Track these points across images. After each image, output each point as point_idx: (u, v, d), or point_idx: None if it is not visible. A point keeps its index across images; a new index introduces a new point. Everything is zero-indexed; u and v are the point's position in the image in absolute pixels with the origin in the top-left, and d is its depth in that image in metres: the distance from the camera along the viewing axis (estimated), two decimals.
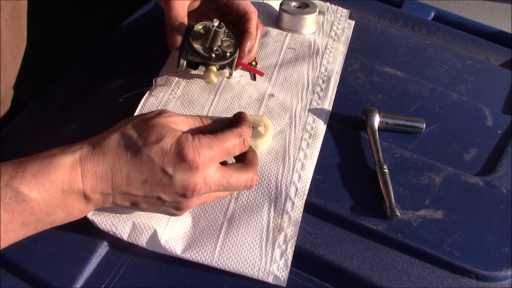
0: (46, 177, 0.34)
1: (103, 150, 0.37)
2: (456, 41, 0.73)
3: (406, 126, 0.55)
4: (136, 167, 0.37)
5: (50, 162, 0.35)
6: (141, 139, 0.37)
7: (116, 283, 0.40)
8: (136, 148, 0.37)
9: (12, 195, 0.33)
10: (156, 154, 0.37)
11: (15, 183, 0.33)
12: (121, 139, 0.37)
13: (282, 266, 0.42)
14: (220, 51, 0.50)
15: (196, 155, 0.37)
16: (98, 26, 0.79)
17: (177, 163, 0.37)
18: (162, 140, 0.37)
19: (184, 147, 0.37)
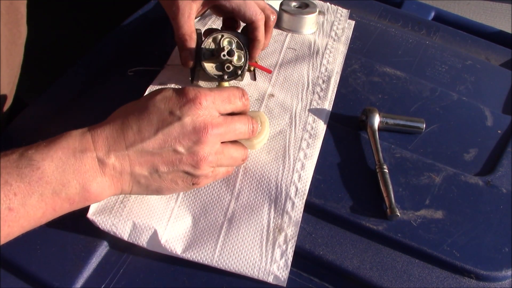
0: (58, 145, 0.35)
1: (110, 118, 0.39)
2: (456, 41, 0.73)
3: (406, 126, 0.55)
4: (145, 119, 0.38)
5: (61, 135, 0.37)
6: (144, 98, 0.40)
7: (116, 283, 0.40)
8: (142, 104, 0.39)
9: (27, 163, 0.34)
10: (161, 102, 0.39)
11: (29, 153, 0.34)
12: (125, 106, 0.40)
13: (282, 266, 0.42)
14: (232, 68, 0.51)
15: (197, 92, 0.39)
16: (98, 26, 0.79)
17: (182, 104, 0.39)
18: (163, 90, 0.40)
19: (184, 89, 0.39)
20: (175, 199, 0.45)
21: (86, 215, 0.41)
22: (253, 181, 0.47)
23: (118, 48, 0.61)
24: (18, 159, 0.34)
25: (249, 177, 0.47)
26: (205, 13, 0.66)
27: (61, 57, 0.82)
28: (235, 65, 0.51)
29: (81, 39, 0.86)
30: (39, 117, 0.52)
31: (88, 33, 0.85)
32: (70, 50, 0.84)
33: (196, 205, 0.45)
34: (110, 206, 0.43)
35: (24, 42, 0.61)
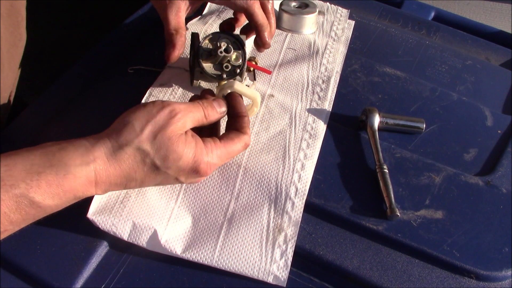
0: (61, 188, 0.35)
1: (118, 164, 0.38)
2: (456, 41, 0.73)
3: (406, 126, 0.55)
4: (152, 177, 0.40)
5: (65, 175, 0.35)
6: (158, 157, 0.39)
7: (116, 283, 0.40)
8: (154, 165, 0.39)
9: (28, 203, 0.34)
10: (173, 171, 0.40)
11: (31, 192, 0.34)
12: (137, 154, 0.38)
13: (282, 266, 0.42)
14: (230, 67, 0.51)
15: (209, 168, 0.41)
16: (98, 26, 0.79)
17: (191, 175, 0.41)
18: (180, 160, 0.39)
19: (200, 164, 0.40)
20: (175, 199, 0.45)
21: (86, 215, 0.41)
22: (253, 181, 0.47)
23: (118, 48, 0.61)
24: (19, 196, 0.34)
25: (249, 177, 0.47)
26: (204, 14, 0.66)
27: (61, 57, 0.82)
28: (233, 65, 0.51)
29: (81, 39, 0.86)
30: (39, 117, 0.52)
31: (88, 33, 0.85)
32: (70, 50, 0.84)
33: (196, 205, 0.45)
34: (110, 206, 0.43)
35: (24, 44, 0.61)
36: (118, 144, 0.37)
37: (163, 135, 0.38)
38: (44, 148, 0.36)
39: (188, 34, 0.60)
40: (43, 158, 0.35)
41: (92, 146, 0.37)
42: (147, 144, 0.38)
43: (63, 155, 0.36)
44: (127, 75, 0.57)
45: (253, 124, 0.52)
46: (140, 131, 0.38)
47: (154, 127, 0.38)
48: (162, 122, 0.39)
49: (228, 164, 0.48)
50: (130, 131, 0.38)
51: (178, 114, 0.39)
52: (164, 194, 0.45)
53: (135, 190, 0.44)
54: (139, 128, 0.38)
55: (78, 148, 0.37)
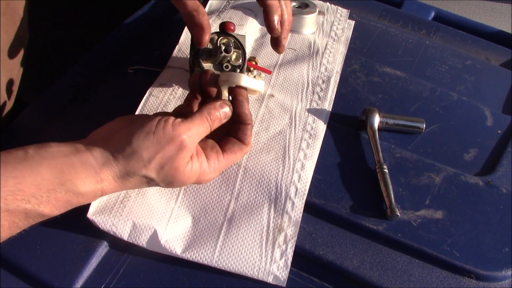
0: (69, 203, 0.37)
1: (124, 185, 0.39)
2: (456, 41, 0.73)
3: (406, 126, 0.55)
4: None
5: (74, 194, 0.36)
6: (164, 184, 0.40)
7: (116, 283, 0.40)
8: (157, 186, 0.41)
9: (37, 215, 0.35)
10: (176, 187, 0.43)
11: (41, 207, 0.35)
12: (143, 180, 0.39)
13: (282, 266, 0.42)
14: (230, 67, 0.51)
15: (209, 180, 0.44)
16: (98, 26, 0.79)
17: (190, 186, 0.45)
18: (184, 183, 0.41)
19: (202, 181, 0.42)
20: (175, 199, 0.45)
21: (86, 215, 0.41)
22: (253, 181, 0.47)
23: (118, 48, 0.61)
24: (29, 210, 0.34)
25: (249, 177, 0.47)
26: None
27: (61, 57, 0.82)
28: (233, 65, 0.51)
29: (81, 39, 0.86)
30: (39, 117, 0.52)
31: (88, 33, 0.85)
32: (70, 50, 0.84)
33: (196, 205, 0.45)
34: (110, 206, 0.43)
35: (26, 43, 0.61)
36: (126, 171, 0.38)
37: (170, 167, 0.39)
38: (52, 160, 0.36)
39: (188, 35, 0.61)
40: (52, 173, 0.35)
41: (100, 170, 0.37)
42: (154, 174, 0.39)
43: (72, 174, 0.36)
44: (127, 75, 0.57)
45: (253, 124, 0.52)
46: (148, 162, 0.38)
47: (162, 159, 0.38)
48: (171, 155, 0.39)
49: None
50: (138, 161, 0.38)
51: (187, 146, 0.39)
52: (164, 194, 0.45)
53: (135, 190, 0.44)
54: (147, 159, 0.38)
55: (86, 168, 0.37)
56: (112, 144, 0.38)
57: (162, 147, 0.38)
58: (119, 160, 0.38)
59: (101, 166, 0.37)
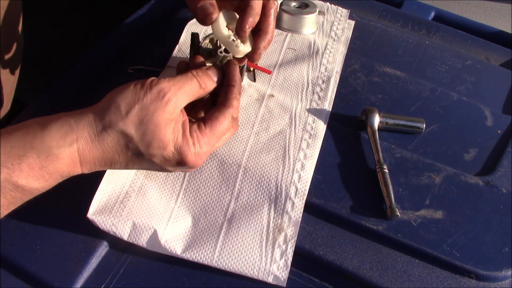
0: (45, 170, 0.34)
1: (101, 146, 0.36)
2: (456, 41, 0.73)
3: (406, 126, 0.55)
4: (136, 163, 0.38)
5: (47, 156, 0.34)
6: (142, 144, 0.37)
7: (116, 283, 0.40)
8: (137, 151, 0.37)
9: (12, 187, 0.33)
10: (158, 159, 0.38)
11: (14, 176, 0.33)
12: (121, 138, 0.36)
13: (282, 266, 0.42)
14: None
15: (198, 159, 0.39)
16: (98, 26, 0.79)
17: (177, 167, 0.40)
18: (164, 149, 0.38)
19: (187, 156, 0.38)
20: (175, 199, 0.45)
21: (86, 215, 0.41)
22: (253, 181, 0.47)
23: (118, 48, 0.61)
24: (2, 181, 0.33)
25: (249, 177, 0.47)
26: None
27: (61, 57, 0.82)
28: None
29: (81, 39, 0.86)
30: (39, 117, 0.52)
31: (88, 33, 0.85)
32: (70, 51, 0.84)
33: (196, 205, 0.45)
34: (110, 206, 0.43)
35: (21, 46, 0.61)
36: (102, 125, 0.36)
37: (150, 120, 0.36)
38: (26, 128, 0.34)
39: (188, 35, 0.61)
40: (24, 139, 0.34)
41: (76, 125, 0.35)
42: (132, 129, 0.36)
43: (45, 136, 0.34)
44: (127, 75, 0.57)
45: (253, 124, 0.52)
46: (125, 114, 0.36)
47: (141, 111, 0.36)
48: (149, 105, 0.36)
49: (228, 164, 0.48)
50: (115, 112, 0.36)
51: (167, 94, 0.37)
52: (164, 194, 0.45)
53: (135, 190, 0.44)
54: (125, 110, 0.36)
55: (62, 126, 0.35)
56: (94, 106, 0.37)
57: (140, 97, 0.36)
58: (96, 113, 0.36)
59: (76, 122, 0.35)
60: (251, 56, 0.47)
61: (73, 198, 0.44)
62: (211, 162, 0.48)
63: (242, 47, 0.46)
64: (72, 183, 0.38)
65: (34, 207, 0.39)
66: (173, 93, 0.37)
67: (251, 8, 0.44)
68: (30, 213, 0.41)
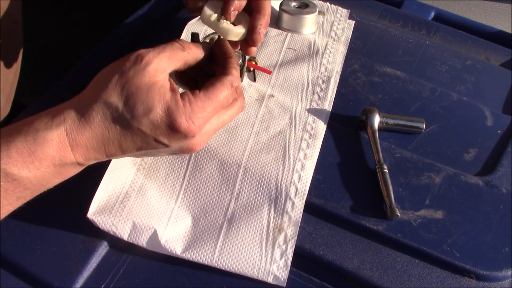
0: (34, 156, 0.33)
1: (89, 123, 0.34)
2: (456, 41, 0.73)
3: (406, 126, 0.55)
4: (128, 138, 0.36)
5: (35, 139, 0.33)
6: (127, 110, 0.35)
7: (116, 283, 0.40)
8: (125, 121, 0.35)
9: (2, 176, 0.32)
10: (147, 128, 0.35)
11: (2, 163, 0.31)
12: (106, 109, 0.35)
13: (282, 266, 0.42)
14: None
15: (190, 124, 0.36)
16: (98, 26, 0.79)
17: (171, 134, 0.36)
18: (150, 112, 0.35)
19: (176, 119, 0.35)
20: (175, 199, 0.45)
21: (86, 215, 0.41)
22: (253, 181, 0.47)
23: (118, 48, 0.61)
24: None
25: (249, 177, 0.47)
26: None
27: (61, 58, 0.82)
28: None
29: (81, 39, 0.86)
30: None
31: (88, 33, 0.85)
32: (70, 51, 0.84)
33: (196, 205, 0.45)
34: (110, 206, 0.43)
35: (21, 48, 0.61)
36: (86, 101, 0.35)
37: (130, 85, 0.35)
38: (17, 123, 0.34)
39: (188, 35, 0.61)
40: (13, 128, 0.33)
41: (63, 108, 0.35)
42: (114, 96, 0.35)
43: (33, 121, 0.33)
44: None
45: (253, 124, 0.52)
46: (106, 84, 0.35)
47: (120, 78, 0.35)
48: (128, 71, 0.35)
49: (228, 164, 0.48)
50: (96, 86, 0.35)
51: (144, 57, 0.36)
52: (164, 194, 0.45)
53: (135, 190, 0.44)
54: (105, 82, 0.35)
55: (49, 112, 0.34)
56: None
57: (119, 66, 0.36)
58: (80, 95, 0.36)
59: (63, 106, 0.35)
60: (250, 37, 0.44)
61: (73, 198, 0.44)
62: (211, 162, 0.48)
63: (232, 28, 0.44)
64: (72, 183, 0.38)
65: (34, 207, 0.39)
66: (152, 55, 0.36)
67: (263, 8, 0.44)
68: (30, 213, 0.41)
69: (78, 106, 0.35)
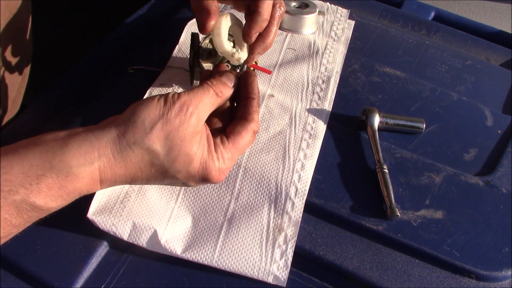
0: (64, 190, 0.33)
1: (124, 163, 0.35)
2: (456, 41, 0.73)
3: (406, 126, 0.55)
4: (158, 179, 0.37)
5: (67, 176, 0.33)
6: (168, 159, 0.36)
7: (116, 283, 0.40)
8: (162, 167, 0.36)
9: (29, 207, 0.32)
10: (182, 176, 0.37)
11: (31, 197, 0.32)
12: (145, 154, 0.35)
13: (282, 266, 0.42)
14: (230, 67, 0.51)
15: (221, 174, 0.39)
16: (98, 26, 0.79)
17: (200, 182, 0.39)
18: (190, 165, 0.37)
19: (211, 172, 0.38)
20: (175, 199, 0.45)
21: (86, 215, 0.41)
22: (253, 181, 0.47)
23: (118, 48, 0.61)
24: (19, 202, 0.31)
25: (249, 177, 0.47)
26: None
27: (61, 57, 0.82)
28: (233, 65, 0.51)
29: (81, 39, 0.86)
30: (39, 117, 0.52)
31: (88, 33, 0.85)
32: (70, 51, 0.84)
33: (196, 205, 0.45)
34: (110, 206, 0.43)
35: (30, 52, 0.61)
36: (126, 141, 0.34)
37: (175, 135, 0.35)
38: (44, 145, 0.33)
39: (188, 35, 0.61)
40: (43, 157, 0.32)
41: (98, 142, 0.34)
42: (158, 144, 0.35)
43: (65, 154, 0.33)
44: (127, 75, 0.57)
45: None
46: (150, 129, 0.35)
47: (166, 126, 0.35)
48: (174, 120, 0.35)
49: None
50: (140, 128, 0.35)
51: (189, 107, 0.36)
52: (164, 194, 0.45)
53: (135, 190, 0.44)
54: (150, 125, 0.35)
55: (82, 144, 0.34)
56: (115, 120, 0.36)
57: (163, 112, 0.35)
58: (119, 129, 0.35)
59: (98, 139, 0.34)
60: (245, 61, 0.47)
61: None
62: None
63: (240, 55, 0.46)
64: None
65: None
66: (195, 105, 0.37)
67: (259, 14, 0.43)
68: None
69: (116, 143, 0.34)
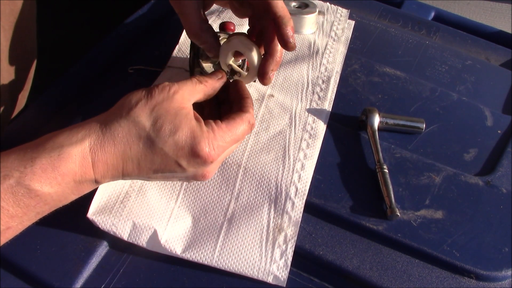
0: (57, 171, 0.33)
1: (113, 138, 0.35)
2: (456, 41, 0.73)
3: (406, 126, 0.55)
4: (148, 157, 0.37)
5: (59, 154, 0.34)
6: (154, 129, 0.36)
7: (116, 283, 0.40)
8: (149, 139, 0.36)
9: (25, 192, 0.32)
10: (170, 148, 0.37)
11: (26, 180, 0.32)
12: (132, 127, 0.36)
13: (282, 266, 0.42)
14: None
15: (211, 150, 0.38)
16: (98, 26, 0.79)
17: (191, 158, 0.37)
18: (176, 133, 0.36)
19: (200, 142, 0.37)
20: (175, 199, 0.45)
21: (86, 215, 0.41)
22: (253, 181, 0.47)
23: (118, 48, 0.61)
24: (14, 186, 0.32)
25: (249, 177, 0.47)
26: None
27: (61, 57, 0.82)
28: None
29: (81, 39, 0.86)
30: (39, 117, 0.52)
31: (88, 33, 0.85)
32: (70, 50, 0.84)
33: (196, 205, 0.45)
34: (110, 206, 0.43)
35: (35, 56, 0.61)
36: (111, 118, 0.36)
37: (160, 108, 0.37)
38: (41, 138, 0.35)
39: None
40: (38, 145, 0.34)
41: (88, 123, 0.36)
42: (143, 116, 0.36)
43: (58, 137, 0.34)
44: (127, 75, 0.57)
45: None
46: (135, 105, 0.36)
47: (150, 101, 0.37)
48: (157, 97, 0.37)
49: (228, 164, 0.48)
50: (126, 106, 0.36)
51: (172, 88, 0.38)
52: (164, 194, 0.45)
53: (135, 190, 0.44)
54: (135, 103, 0.37)
55: (73, 128, 0.35)
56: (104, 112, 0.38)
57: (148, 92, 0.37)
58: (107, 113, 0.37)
59: (88, 122, 0.36)
60: (260, 80, 0.45)
61: None
62: None
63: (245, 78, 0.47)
64: None
65: None
66: (178, 87, 0.38)
67: (276, 51, 0.44)
68: None
69: (103, 121, 0.36)
